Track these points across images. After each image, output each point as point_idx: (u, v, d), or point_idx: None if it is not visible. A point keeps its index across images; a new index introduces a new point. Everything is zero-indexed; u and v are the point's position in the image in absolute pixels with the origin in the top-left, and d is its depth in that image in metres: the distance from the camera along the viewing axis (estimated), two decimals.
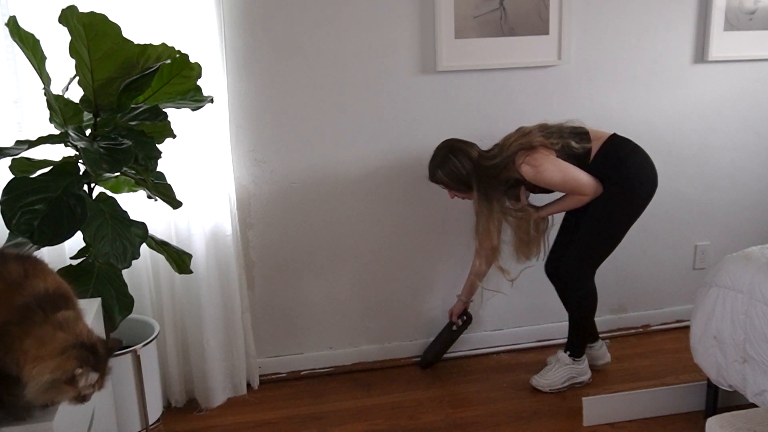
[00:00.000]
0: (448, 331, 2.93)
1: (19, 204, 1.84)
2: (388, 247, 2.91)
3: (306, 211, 2.80)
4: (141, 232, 2.12)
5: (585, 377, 2.75)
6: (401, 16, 2.69)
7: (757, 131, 3.17)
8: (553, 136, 2.52)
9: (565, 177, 2.50)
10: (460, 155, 2.57)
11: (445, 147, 2.62)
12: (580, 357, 2.74)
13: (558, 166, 2.49)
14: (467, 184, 2.58)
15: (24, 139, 1.97)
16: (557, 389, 2.71)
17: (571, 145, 2.50)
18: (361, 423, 2.56)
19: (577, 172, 2.51)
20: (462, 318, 2.92)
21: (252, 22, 2.58)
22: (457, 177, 2.58)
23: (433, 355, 2.94)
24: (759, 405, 2.14)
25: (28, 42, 1.91)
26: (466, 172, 2.56)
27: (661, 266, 3.21)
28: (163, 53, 1.96)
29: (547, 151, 2.49)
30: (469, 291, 2.89)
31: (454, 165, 2.56)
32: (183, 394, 2.69)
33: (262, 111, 2.67)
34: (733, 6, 2.95)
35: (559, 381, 2.71)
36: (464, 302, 2.91)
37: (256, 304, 2.83)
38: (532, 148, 2.49)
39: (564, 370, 2.72)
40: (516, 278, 2.76)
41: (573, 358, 2.73)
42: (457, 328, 2.92)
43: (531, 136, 2.52)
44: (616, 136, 2.59)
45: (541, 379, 2.73)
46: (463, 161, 2.56)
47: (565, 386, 2.72)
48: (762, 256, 2.23)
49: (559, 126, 2.59)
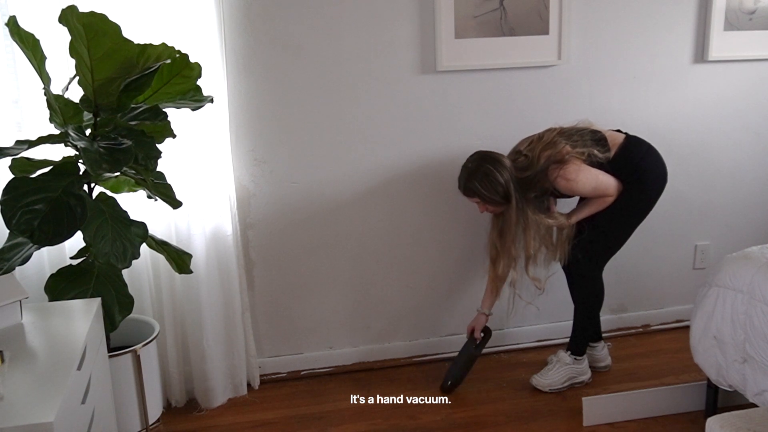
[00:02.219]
0: (472, 348, 2.79)
1: (19, 204, 1.84)
2: (388, 247, 2.91)
3: (306, 211, 2.80)
4: (141, 232, 2.12)
5: (585, 377, 2.75)
6: (401, 16, 2.69)
7: (756, 131, 3.17)
8: (577, 144, 2.54)
9: (597, 185, 2.55)
10: (496, 164, 2.50)
11: (479, 158, 2.54)
12: (582, 356, 2.74)
13: (589, 176, 2.53)
14: (505, 194, 2.51)
15: (24, 139, 1.97)
16: (557, 389, 2.71)
17: (595, 153, 2.54)
18: (361, 423, 2.56)
19: (605, 178, 2.56)
20: (481, 333, 2.80)
21: (252, 22, 2.58)
22: (494, 188, 2.50)
23: (458, 377, 2.76)
24: (759, 405, 2.14)
25: (28, 42, 1.91)
26: (504, 181, 2.49)
27: (661, 266, 3.21)
28: (163, 53, 1.96)
29: (577, 162, 2.51)
30: (491, 302, 2.79)
31: (492, 173, 2.49)
32: (183, 394, 2.69)
33: (262, 111, 2.67)
34: (733, 6, 2.95)
35: (559, 381, 2.71)
36: (487, 315, 2.79)
37: (256, 304, 2.83)
38: (563, 161, 2.49)
39: (564, 369, 2.72)
40: (545, 284, 2.78)
41: (574, 358, 2.73)
42: (480, 343, 2.80)
43: (558, 146, 2.50)
44: (630, 137, 2.64)
45: (542, 378, 2.73)
46: (501, 170, 2.49)
47: (565, 386, 2.72)
48: (762, 256, 2.23)
49: (579, 131, 2.60)
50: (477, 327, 2.80)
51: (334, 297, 2.91)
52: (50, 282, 2.07)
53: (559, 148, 2.51)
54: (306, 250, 2.83)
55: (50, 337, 1.74)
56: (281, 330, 2.89)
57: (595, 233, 2.66)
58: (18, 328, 1.76)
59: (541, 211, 2.62)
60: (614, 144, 2.59)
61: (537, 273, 2.73)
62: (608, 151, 2.57)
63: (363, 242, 2.88)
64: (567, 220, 2.65)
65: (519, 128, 2.87)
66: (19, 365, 1.54)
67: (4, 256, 1.98)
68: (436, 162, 2.85)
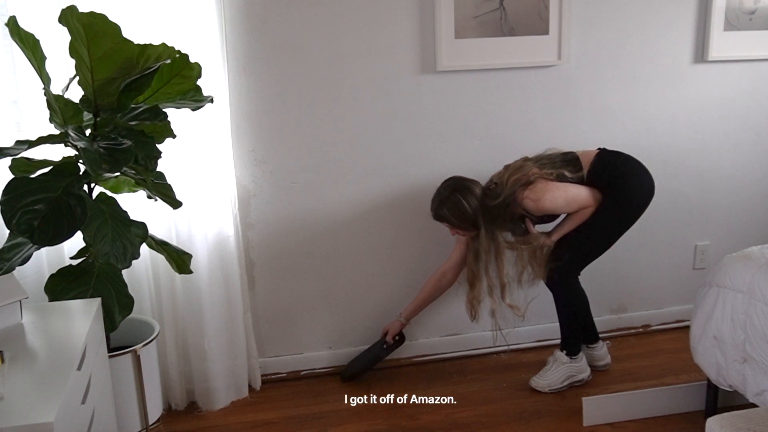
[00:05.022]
0: (378, 348, 2.84)
1: (19, 204, 1.84)
2: (388, 247, 2.91)
3: (306, 211, 2.80)
4: (141, 232, 2.12)
5: (584, 375, 2.75)
6: (401, 16, 2.69)
7: (757, 131, 3.17)
8: (545, 166, 2.56)
9: (568, 199, 2.55)
10: (466, 193, 2.56)
11: (450, 186, 2.61)
12: (577, 354, 2.74)
13: (558, 192, 2.53)
14: (473, 222, 2.57)
15: (24, 139, 1.97)
16: (557, 389, 2.71)
17: (565, 174, 2.55)
18: (361, 423, 2.56)
19: (577, 190, 2.56)
20: (394, 338, 2.84)
21: (252, 22, 2.58)
22: (462, 216, 2.56)
23: (359, 369, 2.84)
24: (759, 405, 2.14)
25: (28, 42, 1.91)
26: (472, 210, 2.55)
27: (661, 266, 3.21)
28: (163, 53, 1.95)
29: (544, 181, 2.52)
30: (412, 312, 2.83)
31: (460, 203, 2.54)
32: (183, 396, 2.68)
33: (262, 111, 2.67)
34: (733, 6, 2.95)
35: (557, 381, 2.71)
36: (403, 323, 2.84)
37: (257, 304, 2.83)
38: (529, 183, 2.51)
39: (562, 369, 2.72)
40: (525, 311, 2.79)
41: (570, 357, 2.73)
42: (388, 346, 2.84)
43: (525, 169, 2.54)
44: (603, 150, 2.65)
45: (540, 380, 2.73)
46: (470, 200, 2.55)
47: (565, 385, 2.72)
48: (762, 256, 2.23)
49: (548, 156, 2.63)
50: (390, 331, 2.84)
51: (334, 297, 2.91)
52: (50, 282, 2.07)
53: (525, 170, 2.53)
54: (306, 250, 2.83)
55: (50, 337, 1.75)
56: (281, 330, 2.89)
57: (570, 242, 2.65)
58: (18, 328, 1.77)
59: (518, 235, 2.64)
60: (587, 160, 2.60)
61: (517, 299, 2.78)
62: (580, 169, 2.58)
63: (363, 242, 2.88)
64: (548, 238, 2.65)
65: (519, 128, 2.88)
66: (19, 365, 1.54)
67: (4, 256, 1.98)
68: (436, 162, 2.85)
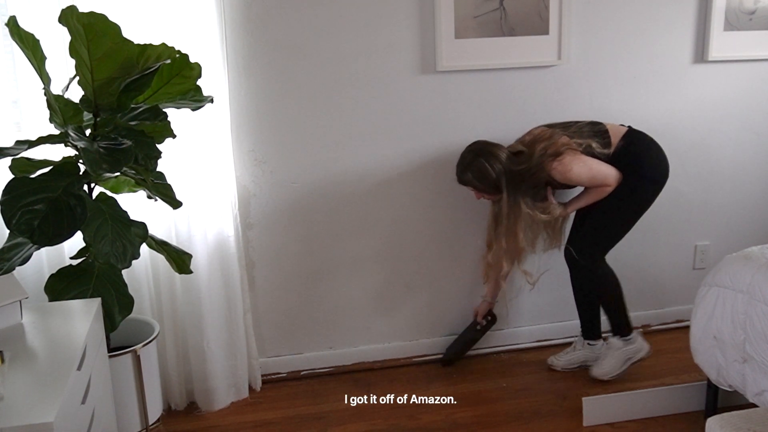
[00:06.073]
0: (472, 331, 2.96)
1: (19, 204, 1.84)
2: (388, 247, 2.91)
3: (306, 211, 2.80)
4: (141, 232, 2.12)
5: (642, 352, 2.77)
6: (401, 16, 2.69)
7: (757, 131, 3.16)
8: (575, 135, 2.59)
9: (592, 174, 2.58)
10: (490, 158, 2.58)
11: (474, 150, 2.63)
12: (629, 334, 2.77)
13: (584, 165, 2.56)
14: (496, 186, 2.60)
15: (24, 139, 1.97)
16: (617, 374, 2.74)
17: (593, 145, 2.57)
18: (361, 423, 2.56)
19: (602, 167, 2.59)
20: (486, 318, 2.94)
21: (252, 22, 2.58)
22: (486, 179, 2.59)
23: (456, 352, 2.96)
24: (759, 405, 2.14)
25: (28, 42, 1.91)
26: (496, 174, 2.57)
27: (661, 266, 3.21)
28: (163, 53, 1.95)
29: (573, 152, 2.55)
30: (493, 292, 2.92)
31: (484, 167, 2.57)
32: (183, 397, 2.68)
33: (262, 111, 2.67)
34: (733, 6, 2.95)
35: (617, 366, 2.75)
36: (489, 303, 2.93)
37: (257, 304, 2.83)
38: (558, 154, 2.53)
39: (618, 354, 2.75)
40: (537, 280, 2.83)
41: (623, 339, 2.76)
42: (481, 327, 2.95)
43: (554, 137, 2.56)
44: (632, 130, 2.68)
45: (599, 369, 2.76)
46: (493, 164, 2.57)
47: (625, 368, 2.75)
48: (762, 256, 2.23)
49: (577, 123, 2.66)
50: (480, 312, 2.93)
51: (334, 297, 2.91)
52: (50, 282, 2.07)
53: (555, 139, 2.56)
54: (306, 250, 2.83)
55: (50, 337, 1.74)
56: (281, 330, 2.89)
57: (592, 226, 2.70)
58: (18, 328, 1.77)
59: (537, 201, 2.66)
60: (616, 135, 2.63)
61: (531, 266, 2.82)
62: (609, 142, 2.61)
63: (362, 242, 2.88)
64: (564, 209, 2.69)
65: (519, 128, 2.87)
66: (19, 365, 1.54)
67: (4, 256, 1.98)
68: (436, 162, 2.85)
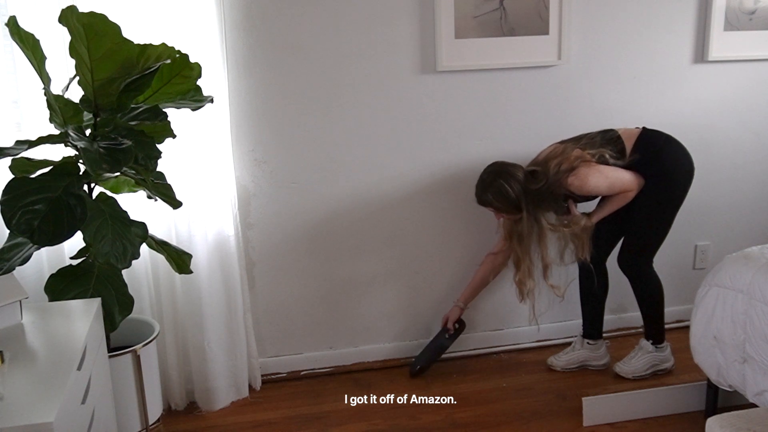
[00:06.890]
0: (442, 338, 2.89)
1: (19, 204, 1.84)
2: (388, 247, 2.91)
3: (306, 211, 2.80)
4: (141, 232, 2.12)
5: (668, 364, 2.79)
6: (401, 16, 2.69)
7: (756, 131, 3.16)
8: (587, 146, 2.59)
9: (610, 182, 2.58)
10: (509, 178, 2.58)
11: (493, 171, 2.64)
12: (662, 344, 2.79)
13: (601, 175, 2.56)
14: (516, 206, 2.60)
15: (24, 139, 1.97)
16: (640, 376, 2.75)
17: (605, 154, 2.57)
18: (361, 423, 2.56)
19: (619, 173, 2.59)
20: (455, 325, 2.89)
21: (252, 22, 2.58)
22: (506, 199, 2.59)
23: (425, 362, 2.88)
24: (759, 405, 2.14)
25: (28, 42, 1.91)
26: (515, 194, 2.58)
27: (661, 266, 3.19)
28: (163, 53, 1.95)
29: (587, 164, 2.55)
30: (469, 296, 2.89)
31: (503, 188, 2.57)
32: (183, 397, 2.68)
33: (262, 111, 2.67)
34: (733, 6, 2.95)
35: (642, 368, 2.76)
36: (461, 308, 2.89)
37: (257, 304, 2.83)
38: (572, 169, 2.54)
39: (647, 357, 2.76)
40: (564, 291, 2.81)
41: (655, 346, 2.77)
42: (450, 335, 2.88)
43: (567, 153, 2.56)
44: (646, 130, 2.67)
45: (625, 366, 2.77)
46: (512, 184, 2.58)
47: (648, 373, 2.76)
48: (762, 256, 2.23)
49: (587, 134, 2.66)
50: (450, 318, 2.88)
51: (333, 297, 2.91)
52: (50, 282, 2.06)
53: (567, 153, 2.56)
54: (306, 250, 2.83)
55: (50, 337, 1.74)
56: (281, 330, 2.89)
57: (635, 234, 2.71)
58: (18, 328, 1.77)
59: (560, 215, 2.66)
60: (629, 139, 2.63)
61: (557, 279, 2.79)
62: (622, 148, 2.60)
63: (362, 242, 2.88)
64: (589, 220, 2.67)
65: (519, 128, 2.88)
66: (19, 365, 1.54)
67: (4, 256, 1.98)
68: (435, 162, 2.85)
